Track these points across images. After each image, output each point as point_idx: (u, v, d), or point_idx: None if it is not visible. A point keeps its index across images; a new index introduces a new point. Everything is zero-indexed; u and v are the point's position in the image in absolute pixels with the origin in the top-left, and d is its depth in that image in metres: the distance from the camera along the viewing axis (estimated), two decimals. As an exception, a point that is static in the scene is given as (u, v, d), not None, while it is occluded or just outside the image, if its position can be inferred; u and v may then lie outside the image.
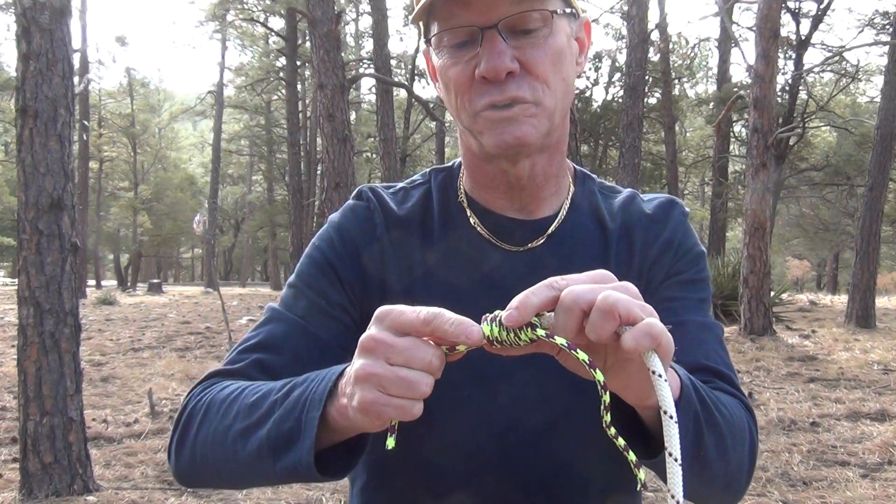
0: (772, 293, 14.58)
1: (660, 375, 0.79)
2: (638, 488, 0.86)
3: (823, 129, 32.02)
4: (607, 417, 0.82)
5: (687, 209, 1.29)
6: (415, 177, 1.31)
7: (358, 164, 30.34)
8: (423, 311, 0.81)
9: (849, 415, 7.74)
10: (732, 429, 1.02)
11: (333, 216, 1.26)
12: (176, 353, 12.48)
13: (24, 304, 5.32)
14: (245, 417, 0.99)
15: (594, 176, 1.32)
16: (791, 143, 26.94)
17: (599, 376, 0.79)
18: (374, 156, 32.64)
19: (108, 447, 6.67)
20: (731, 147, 30.87)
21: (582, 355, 0.79)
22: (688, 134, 40.42)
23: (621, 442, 0.83)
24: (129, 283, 45.29)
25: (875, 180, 16.57)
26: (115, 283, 47.13)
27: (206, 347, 13.10)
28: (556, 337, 0.79)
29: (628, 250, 1.22)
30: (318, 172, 33.32)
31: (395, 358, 0.80)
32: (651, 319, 0.76)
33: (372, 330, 0.83)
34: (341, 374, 0.91)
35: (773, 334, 13.35)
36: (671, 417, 0.79)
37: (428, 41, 1.12)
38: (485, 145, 1.12)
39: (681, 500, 0.79)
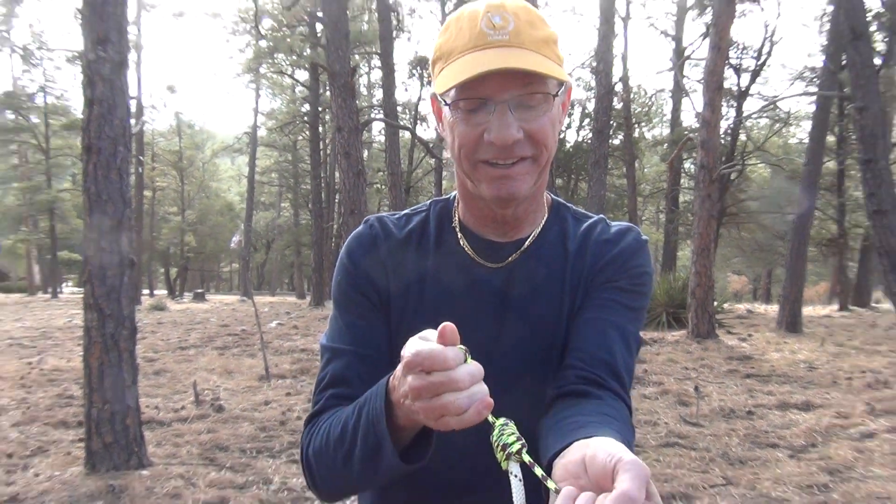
0: (715, 303, 14.60)
1: (516, 476, 0.86)
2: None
3: (760, 166, 32.01)
4: None
5: (644, 236, 1.29)
6: (419, 205, 1.34)
7: (370, 194, 30.37)
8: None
9: (779, 405, 7.77)
10: None
11: (343, 247, 1.30)
12: (216, 351, 12.48)
13: (89, 310, 5.35)
14: (340, 447, 1.05)
15: (570, 205, 1.34)
16: (732, 177, 26.98)
17: None
18: (384, 187, 32.71)
19: (159, 429, 6.68)
20: (682, 181, 30.90)
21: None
22: (646, 170, 40.44)
23: None
24: (177, 293, 45.14)
25: (802, 209, 16.64)
26: (165, 292, 46.97)
27: (242, 346, 13.09)
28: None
29: (581, 266, 1.23)
30: (337, 201, 33.30)
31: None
32: None
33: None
34: (387, 384, 0.97)
35: (715, 338, 13.37)
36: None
37: (446, 103, 1.12)
38: (482, 193, 1.15)
39: None
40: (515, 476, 0.86)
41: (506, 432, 0.88)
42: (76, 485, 4.98)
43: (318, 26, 29.57)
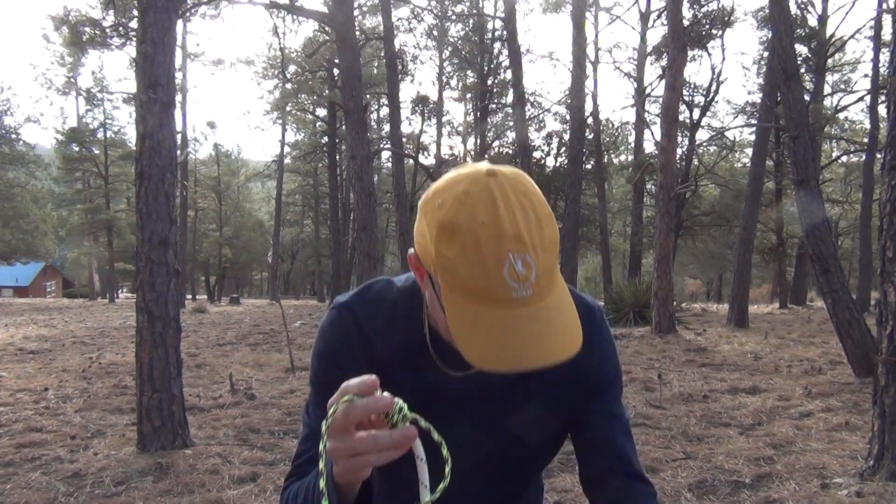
0: (674, 303, 14.59)
1: (421, 459, 0.82)
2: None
3: (710, 186, 32.06)
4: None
5: (602, 311, 1.17)
6: (384, 293, 1.16)
7: (379, 213, 30.33)
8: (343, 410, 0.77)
9: (730, 390, 7.73)
10: None
11: (318, 334, 1.18)
12: (249, 347, 12.43)
13: (140, 313, 5.32)
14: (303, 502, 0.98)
15: None
16: (687, 196, 27.01)
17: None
18: (391, 206, 32.63)
19: (200, 414, 6.64)
20: (645, 199, 30.95)
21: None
22: (614, 190, 40.53)
23: None
24: (215, 297, 45.09)
25: (747, 222, 16.66)
26: (205, 296, 46.92)
27: (271, 343, 13.04)
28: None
29: (549, 374, 1.03)
30: (351, 218, 33.29)
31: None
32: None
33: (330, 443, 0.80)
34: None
35: (675, 332, 13.34)
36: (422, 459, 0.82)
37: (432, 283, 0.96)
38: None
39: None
40: (420, 458, 0.82)
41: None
42: (129, 462, 4.94)
43: (335, 71, 29.64)
